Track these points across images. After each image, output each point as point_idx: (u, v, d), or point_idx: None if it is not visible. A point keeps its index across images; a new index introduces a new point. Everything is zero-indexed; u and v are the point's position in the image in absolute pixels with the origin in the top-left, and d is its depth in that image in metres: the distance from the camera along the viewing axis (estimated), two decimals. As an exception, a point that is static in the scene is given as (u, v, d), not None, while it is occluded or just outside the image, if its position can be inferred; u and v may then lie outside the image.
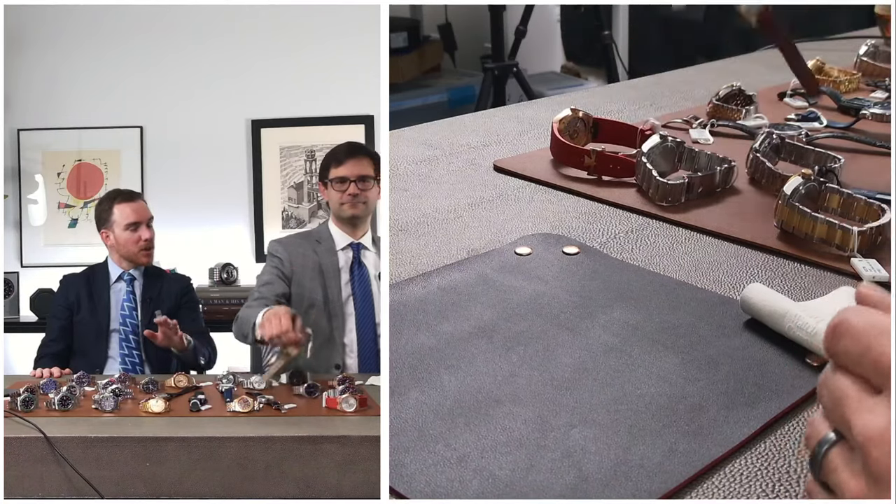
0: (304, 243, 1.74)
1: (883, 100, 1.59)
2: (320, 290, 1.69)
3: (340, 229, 1.74)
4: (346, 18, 2.88)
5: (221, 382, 1.47)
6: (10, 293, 2.84)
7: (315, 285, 1.70)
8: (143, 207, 2.00)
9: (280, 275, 1.70)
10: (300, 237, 1.78)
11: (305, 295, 1.69)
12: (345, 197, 1.71)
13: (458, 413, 0.72)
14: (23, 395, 1.32)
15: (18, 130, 2.98)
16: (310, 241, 1.75)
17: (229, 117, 2.94)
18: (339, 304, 1.70)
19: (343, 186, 1.71)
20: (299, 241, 1.76)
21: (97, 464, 1.16)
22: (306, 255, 1.72)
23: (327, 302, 1.69)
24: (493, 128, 1.53)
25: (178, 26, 2.95)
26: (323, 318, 1.69)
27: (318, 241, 1.74)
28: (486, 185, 1.26)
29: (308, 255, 1.72)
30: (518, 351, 0.81)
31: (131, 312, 1.95)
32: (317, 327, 1.66)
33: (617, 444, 0.67)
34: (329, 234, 1.74)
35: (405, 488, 0.63)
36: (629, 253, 1.02)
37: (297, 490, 1.16)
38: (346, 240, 1.73)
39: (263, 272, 1.74)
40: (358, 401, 1.33)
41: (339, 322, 1.69)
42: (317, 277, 1.70)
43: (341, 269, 1.72)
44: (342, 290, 1.71)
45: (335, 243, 1.73)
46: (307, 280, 1.70)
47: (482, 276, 0.96)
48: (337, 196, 1.72)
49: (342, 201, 1.71)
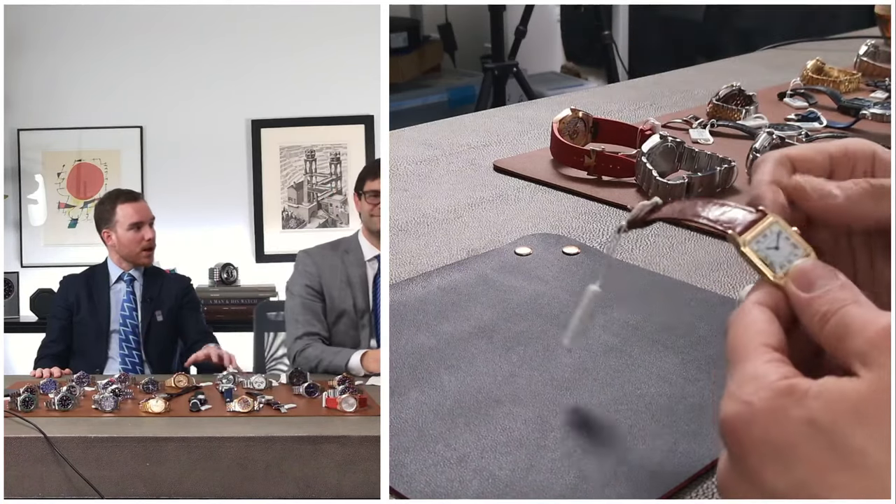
0: (333, 254, 1.75)
1: (883, 100, 1.59)
2: (350, 301, 1.71)
3: (368, 241, 1.75)
4: (346, 18, 2.88)
5: (221, 382, 1.47)
6: (10, 293, 2.84)
7: (345, 295, 1.71)
8: (146, 208, 2.01)
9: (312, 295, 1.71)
10: (328, 248, 1.78)
11: (336, 305, 1.71)
12: (375, 210, 1.71)
13: (458, 413, 0.72)
14: (23, 395, 1.32)
15: (18, 130, 2.98)
16: (338, 251, 1.76)
17: (229, 117, 2.94)
18: (368, 314, 1.72)
19: (376, 200, 1.71)
20: (328, 252, 1.77)
21: (97, 464, 1.16)
22: (335, 265, 1.73)
23: (356, 312, 1.71)
24: (493, 128, 1.53)
25: (179, 26, 2.95)
26: (352, 328, 1.71)
27: (347, 252, 1.75)
28: (486, 185, 1.26)
29: (336, 266, 1.73)
30: (518, 351, 0.81)
31: (131, 313, 1.95)
32: (346, 337, 1.70)
33: (617, 444, 0.67)
34: (358, 244, 1.76)
35: (405, 488, 0.63)
36: (629, 253, 1.02)
37: (297, 490, 1.16)
38: (373, 252, 1.74)
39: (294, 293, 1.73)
40: (358, 401, 1.33)
41: (366, 333, 1.71)
42: (346, 288, 1.72)
43: (368, 280, 1.73)
44: (368, 301, 1.73)
45: (363, 254, 1.74)
46: (336, 290, 1.71)
47: (482, 276, 0.96)
48: (368, 208, 1.73)
49: (372, 214, 1.72)
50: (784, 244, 0.48)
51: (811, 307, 0.46)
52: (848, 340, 0.44)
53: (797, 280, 0.47)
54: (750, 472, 0.43)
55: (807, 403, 0.42)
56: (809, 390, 0.42)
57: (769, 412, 0.42)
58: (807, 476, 0.41)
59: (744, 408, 0.43)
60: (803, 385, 0.42)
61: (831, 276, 0.47)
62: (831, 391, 0.42)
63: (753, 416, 0.43)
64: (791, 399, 0.42)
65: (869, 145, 0.54)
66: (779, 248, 0.48)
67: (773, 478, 0.42)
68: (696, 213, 0.53)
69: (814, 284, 0.47)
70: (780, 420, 0.42)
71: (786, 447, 0.42)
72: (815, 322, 0.46)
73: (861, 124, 1.45)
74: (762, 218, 0.50)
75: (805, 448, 0.41)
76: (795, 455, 0.41)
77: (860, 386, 0.41)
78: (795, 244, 0.48)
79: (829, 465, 0.41)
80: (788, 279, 0.47)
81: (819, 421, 0.41)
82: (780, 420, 0.42)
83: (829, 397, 0.42)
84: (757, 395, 0.43)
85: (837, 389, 0.42)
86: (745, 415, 0.43)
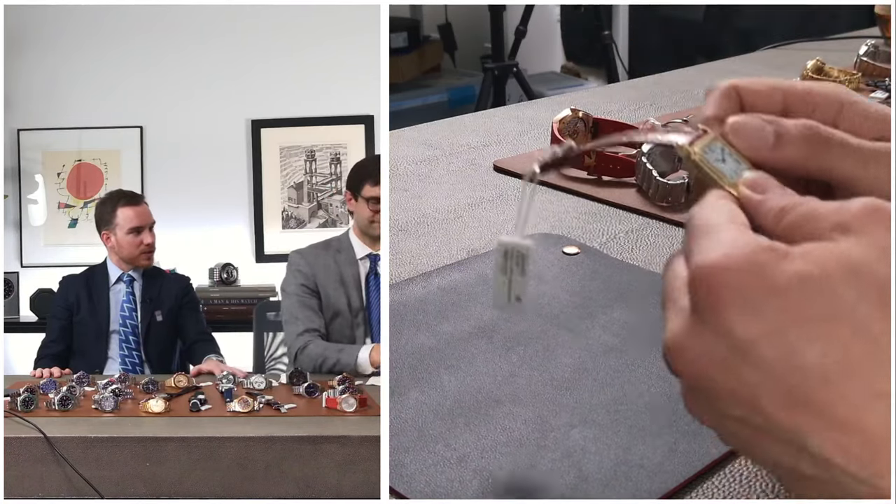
0: (325, 254, 1.75)
1: (883, 100, 1.59)
2: (344, 300, 1.71)
3: (361, 240, 1.75)
4: (346, 18, 2.88)
5: (221, 382, 1.47)
6: (10, 293, 2.84)
7: (339, 294, 1.71)
8: (146, 212, 2.00)
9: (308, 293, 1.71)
10: (320, 247, 1.78)
11: (331, 304, 1.71)
12: (376, 216, 1.71)
13: (458, 413, 0.72)
14: (23, 395, 1.32)
15: (18, 130, 2.98)
16: (330, 251, 1.76)
17: (229, 117, 2.94)
18: (362, 312, 1.72)
19: (377, 207, 1.71)
20: (320, 251, 1.77)
21: (97, 464, 1.16)
22: (328, 265, 1.73)
23: (351, 310, 1.71)
24: (493, 128, 1.53)
25: (179, 26, 2.95)
26: (347, 327, 1.71)
27: (339, 251, 1.75)
28: (486, 185, 1.26)
29: (330, 266, 1.73)
30: (518, 351, 0.81)
31: (131, 313, 1.95)
32: (342, 336, 1.70)
33: (617, 444, 0.67)
34: (349, 243, 1.76)
35: (405, 488, 0.63)
36: (629, 253, 1.02)
37: (297, 490, 1.16)
38: (365, 250, 1.74)
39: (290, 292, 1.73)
40: (358, 401, 1.33)
41: (361, 331, 1.71)
42: (339, 287, 1.72)
43: (361, 278, 1.73)
44: (362, 300, 1.73)
45: (355, 253, 1.74)
46: (331, 290, 1.72)
47: (482, 276, 0.96)
48: (368, 214, 1.73)
49: (373, 220, 1.72)
50: (729, 159, 0.48)
51: (765, 205, 0.45)
52: (816, 222, 0.42)
53: (751, 185, 0.46)
54: (717, 322, 0.41)
55: (795, 260, 0.40)
56: (792, 250, 0.41)
57: (751, 263, 0.41)
58: (784, 323, 0.39)
59: (722, 258, 0.41)
60: (783, 247, 0.41)
61: (780, 185, 0.46)
62: (820, 249, 0.40)
63: (733, 264, 0.41)
64: (775, 255, 0.41)
65: (836, 93, 0.50)
66: (725, 161, 0.48)
67: (743, 326, 0.40)
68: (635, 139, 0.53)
69: (768, 189, 0.46)
70: (764, 270, 0.40)
71: (767, 295, 0.40)
72: (770, 217, 0.44)
73: (861, 124, 1.45)
74: (705, 134, 0.49)
75: (791, 297, 0.40)
76: (777, 303, 0.40)
77: (851, 247, 0.40)
78: (739, 160, 0.48)
79: (813, 315, 0.39)
80: (741, 185, 0.47)
81: (810, 273, 0.40)
82: (764, 270, 0.40)
83: (818, 254, 0.40)
84: (737, 248, 0.41)
85: (825, 248, 0.40)
86: (724, 263, 0.41)
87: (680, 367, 0.43)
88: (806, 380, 0.39)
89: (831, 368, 0.38)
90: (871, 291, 0.39)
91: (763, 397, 0.40)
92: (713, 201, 0.46)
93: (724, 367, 0.41)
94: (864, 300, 0.39)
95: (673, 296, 0.45)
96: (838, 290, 0.39)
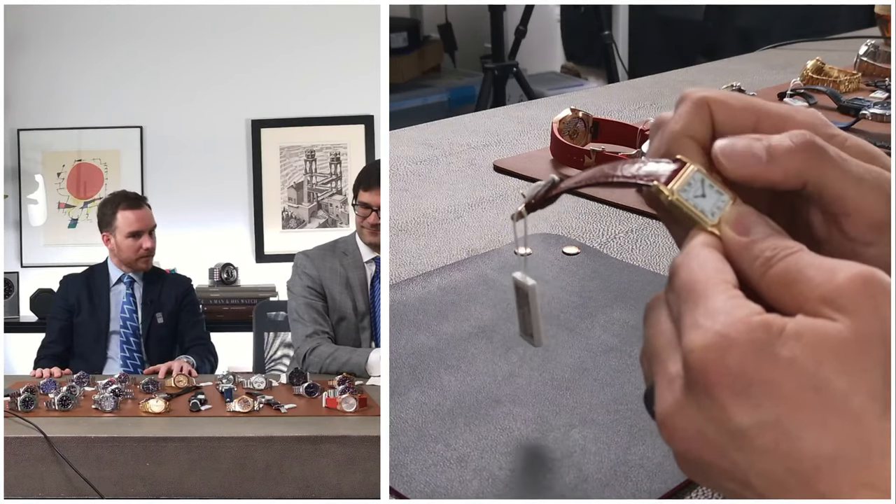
0: (332, 257, 1.73)
1: (883, 100, 1.59)
2: (350, 304, 1.70)
3: (365, 243, 1.74)
4: (346, 18, 2.88)
5: (221, 382, 1.47)
6: (10, 293, 2.84)
7: (344, 298, 1.70)
8: (147, 215, 1.99)
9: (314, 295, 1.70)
10: (327, 249, 1.76)
11: (337, 308, 1.70)
12: (364, 223, 1.69)
13: (458, 413, 0.72)
14: (23, 395, 1.32)
15: (18, 130, 2.98)
16: (336, 253, 1.74)
17: (229, 117, 2.94)
18: (368, 316, 1.71)
19: (365, 212, 1.68)
20: (327, 254, 1.75)
21: (97, 464, 1.16)
22: (334, 268, 1.72)
23: (356, 314, 1.70)
24: (493, 128, 1.53)
25: (179, 26, 2.95)
26: (353, 331, 1.70)
27: (345, 254, 1.73)
28: (486, 185, 1.26)
29: (336, 269, 1.72)
30: (518, 351, 0.81)
31: (131, 315, 1.95)
32: (347, 340, 1.69)
33: (617, 444, 0.67)
34: (356, 246, 1.74)
35: (405, 488, 0.63)
36: (629, 253, 1.02)
37: (297, 490, 1.16)
38: (371, 254, 1.73)
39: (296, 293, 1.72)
40: (358, 401, 1.33)
41: (367, 335, 1.70)
42: (346, 291, 1.70)
43: (367, 282, 1.72)
44: (368, 303, 1.72)
45: (361, 256, 1.73)
46: (337, 293, 1.70)
47: (482, 276, 0.96)
48: (358, 220, 1.71)
49: (362, 225, 1.70)
50: (710, 192, 0.47)
51: (751, 251, 0.44)
52: (802, 285, 0.42)
53: (735, 225, 0.45)
54: (712, 406, 0.41)
55: (788, 343, 0.40)
56: (786, 328, 0.41)
57: (747, 345, 0.41)
58: (779, 413, 0.40)
59: (719, 339, 0.41)
60: (778, 322, 0.41)
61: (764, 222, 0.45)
62: (812, 332, 0.40)
63: (730, 347, 0.41)
64: (769, 335, 0.40)
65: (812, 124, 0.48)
66: (705, 195, 0.47)
67: (739, 413, 0.40)
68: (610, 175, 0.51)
69: (750, 230, 0.45)
70: (760, 355, 0.40)
71: (763, 382, 0.40)
72: (755, 266, 0.44)
73: (861, 124, 1.45)
74: (683, 167, 0.48)
75: (785, 385, 0.40)
76: (772, 391, 0.40)
77: (842, 331, 0.40)
78: (720, 191, 0.47)
79: (806, 404, 0.40)
80: (724, 224, 0.46)
81: (803, 362, 0.40)
82: (760, 355, 0.40)
83: (810, 339, 0.40)
84: (733, 328, 0.41)
85: (818, 331, 0.40)
86: (720, 345, 0.41)
87: (673, 443, 0.44)
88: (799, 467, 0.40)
89: (824, 459, 0.39)
90: (861, 383, 0.40)
91: (754, 479, 0.41)
92: (697, 251, 0.45)
93: (719, 451, 0.42)
94: (855, 392, 0.40)
95: (661, 356, 0.45)
96: (831, 381, 0.40)
